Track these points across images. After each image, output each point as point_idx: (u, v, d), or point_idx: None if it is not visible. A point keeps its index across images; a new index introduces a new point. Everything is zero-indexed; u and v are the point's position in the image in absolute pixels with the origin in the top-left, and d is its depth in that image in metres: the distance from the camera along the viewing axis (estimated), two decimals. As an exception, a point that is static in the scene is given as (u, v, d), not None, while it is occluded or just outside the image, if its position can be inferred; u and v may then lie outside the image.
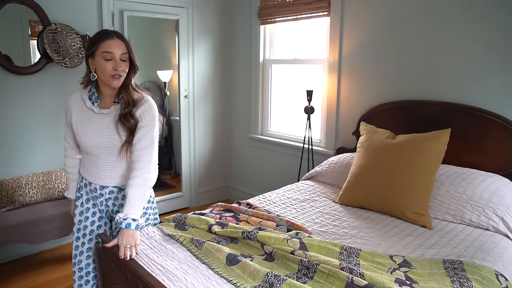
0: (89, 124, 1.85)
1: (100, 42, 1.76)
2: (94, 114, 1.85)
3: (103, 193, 1.95)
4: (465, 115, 2.63)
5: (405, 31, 2.90)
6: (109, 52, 1.75)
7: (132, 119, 1.81)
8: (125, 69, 1.80)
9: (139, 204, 1.80)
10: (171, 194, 4.26)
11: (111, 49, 1.75)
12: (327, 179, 2.99)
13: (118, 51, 1.77)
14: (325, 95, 3.50)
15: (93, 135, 1.84)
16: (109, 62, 1.76)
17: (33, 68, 3.13)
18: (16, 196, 3.06)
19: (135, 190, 1.77)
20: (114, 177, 1.91)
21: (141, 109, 1.84)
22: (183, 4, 3.95)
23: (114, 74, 1.77)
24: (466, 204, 2.31)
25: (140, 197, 1.80)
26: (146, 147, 1.83)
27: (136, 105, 1.83)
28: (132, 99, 1.82)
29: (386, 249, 2.00)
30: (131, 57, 1.81)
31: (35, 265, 3.17)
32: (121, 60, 1.78)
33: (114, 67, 1.76)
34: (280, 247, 1.86)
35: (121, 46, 1.77)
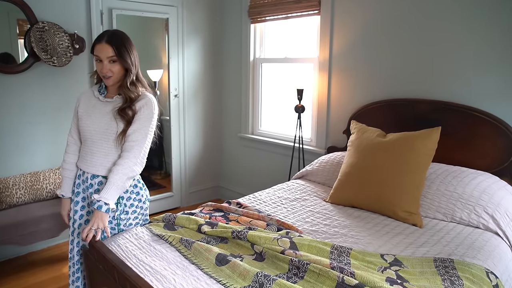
0: (93, 111, 1.98)
1: (93, 46, 1.92)
2: (100, 102, 1.99)
3: (93, 183, 1.98)
4: (455, 114, 2.63)
5: (396, 29, 2.90)
6: (97, 56, 1.90)
7: (131, 111, 1.91)
8: (113, 70, 1.90)
9: (115, 191, 1.86)
10: (162, 194, 4.22)
11: (98, 53, 1.89)
12: (318, 178, 2.98)
13: (105, 55, 1.88)
14: (315, 94, 3.49)
15: (94, 120, 1.96)
16: (99, 64, 1.91)
17: (20, 67, 3.08)
18: (3, 197, 3.01)
19: (115, 177, 1.85)
20: (106, 165, 1.96)
21: (141, 102, 1.93)
22: (172, 3, 3.91)
23: (102, 75, 1.92)
24: (456, 202, 2.31)
25: (119, 184, 1.86)
26: (138, 140, 1.91)
27: (132, 102, 1.92)
28: (129, 97, 1.92)
29: (377, 248, 1.99)
30: (120, 60, 1.90)
31: (24, 266, 3.12)
32: (111, 62, 1.89)
33: (101, 70, 1.90)
34: (270, 246, 1.84)
35: (107, 51, 1.87)
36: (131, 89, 1.93)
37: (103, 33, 1.94)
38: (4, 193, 3.01)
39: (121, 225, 2.05)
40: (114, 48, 1.88)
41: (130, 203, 2.05)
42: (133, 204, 2.06)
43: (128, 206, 2.04)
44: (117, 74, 1.93)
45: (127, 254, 1.87)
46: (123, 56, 1.90)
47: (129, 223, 2.08)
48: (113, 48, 1.88)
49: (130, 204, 2.05)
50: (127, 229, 2.08)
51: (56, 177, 3.25)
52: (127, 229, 2.07)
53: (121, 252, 1.90)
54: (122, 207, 2.02)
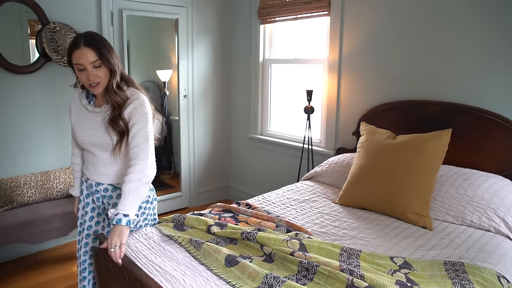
0: (84, 122, 1.88)
1: (71, 54, 1.72)
2: (88, 112, 1.87)
3: (98, 190, 1.96)
4: (466, 116, 2.61)
5: (406, 30, 2.88)
6: (79, 64, 1.71)
7: (121, 121, 1.79)
8: (100, 75, 1.75)
9: (132, 200, 1.75)
10: (170, 194, 4.24)
11: (80, 60, 1.70)
12: (327, 180, 2.97)
13: (88, 60, 1.70)
14: (325, 95, 3.49)
15: (87, 132, 1.87)
16: (83, 73, 1.73)
17: (31, 67, 3.11)
18: (14, 196, 3.04)
19: (129, 185, 1.74)
20: (110, 174, 1.92)
21: (130, 107, 1.81)
22: (182, 3, 3.93)
23: (89, 84, 1.75)
24: (467, 205, 2.29)
25: (134, 193, 1.75)
26: (140, 143, 1.80)
27: (122, 107, 1.80)
28: (116, 103, 1.79)
29: (387, 250, 1.98)
30: (105, 63, 1.74)
31: (34, 265, 3.15)
32: (95, 67, 1.73)
33: (87, 77, 1.73)
34: (279, 248, 1.84)
35: (90, 55, 1.70)
36: (118, 92, 1.79)
37: (77, 37, 1.74)
38: (15, 192, 3.05)
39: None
40: (96, 51, 1.71)
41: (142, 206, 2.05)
42: (141, 206, 2.05)
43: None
44: (105, 79, 1.78)
45: (137, 254, 1.89)
46: (107, 57, 1.74)
47: (138, 225, 2.09)
48: (94, 51, 1.71)
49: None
50: (136, 229, 2.09)
51: (66, 177, 3.28)
52: (136, 230, 2.08)
53: (131, 252, 1.91)
54: None
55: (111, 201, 1.97)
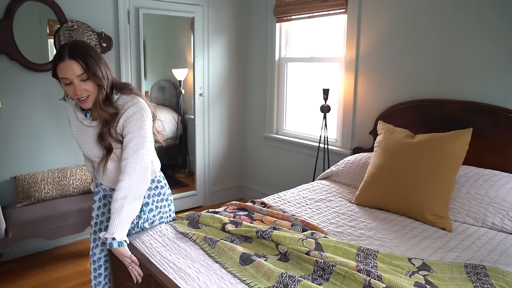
0: (84, 136, 1.82)
1: (55, 67, 1.61)
2: (85, 127, 1.80)
3: (111, 194, 1.95)
4: (487, 115, 2.54)
5: (424, 28, 2.82)
6: (65, 78, 1.60)
7: (110, 137, 1.72)
8: (88, 88, 1.64)
9: (118, 221, 1.68)
10: (185, 192, 4.25)
11: (66, 74, 1.59)
12: (343, 179, 2.93)
13: (74, 74, 1.59)
14: (341, 94, 3.44)
15: (89, 146, 1.82)
16: (70, 87, 1.62)
17: (49, 65, 3.14)
18: (32, 192, 3.08)
19: (114, 205, 1.68)
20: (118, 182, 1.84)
21: (124, 117, 1.71)
22: (198, 2, 3.93)
23: (77, 98, 1.65)
24: (488, 206, 2.23)
25: (120, 213, 1.68)
26: (129, 156, 1.71)
27: (110, 123, 1.71)
28: (103, 119, 1.70)
29: (404, 251, 1.94)
30: (90, 77, 1.62)
31: (50, 260, 3.19)
32: (82, 80, 1.61)
33: (74, 92, 1.62)
34: (295, 247, 1.82)
35: (75, 67, 1.58)
36: (105, 108, 1.68)
37: (61, 48, 1.61)
38: (33, 188, 3.09)
39: (145, 224, 2.06)
40: (81, 63, 1.59)
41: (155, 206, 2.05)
42: (157, 206, 2.06)
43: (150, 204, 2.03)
44: (94, 92, 1.67)
45: (151, 251, 1.88)
46: (94, 71, 1.62)
47: (154, 224, 2.09)
48: (80, 64, 1.59)
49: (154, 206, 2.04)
50: (151, 227, 2.09)
51: (82, 174, 3.31)
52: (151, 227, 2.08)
53: (146, 249, 1.91)
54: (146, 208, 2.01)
55: None
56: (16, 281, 2.89)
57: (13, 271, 3.02)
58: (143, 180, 1.76)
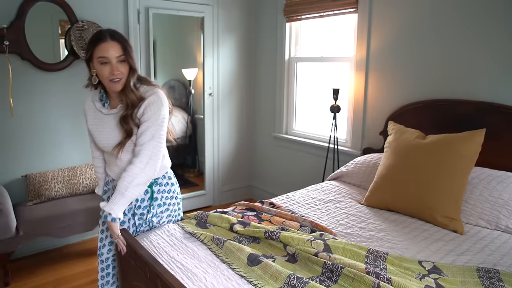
0: (102, 125, 1.85)
1: (95, 46, 1.69)
2: (104, 115, 1.84)
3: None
4: (501, 115, 2.49)
5: (436, 27, 2.78)
6: (103, 57, 1.68)
7: (132, 121, 1.77)
8: (123, 71, 1.73)
9: (121, 199, 1.75)
10: (194, 192, 4.25)
11: (106, 53, 1.68)
12: (353, 180, 2.89)
13: (114, 54, 1.69)
14: (351, 94, 3.41)
15: (107, 135, 1.84)
16: (106, 67, 1.70)
17: (60, 65, 3.17)
18: (42, 190, 3.11)
19: (119, 185, 1.75)
20: None
21: (144, 104, 1.78)
22: (208, 2, 3.93)
23: (111, 79, 1.72)
24: (501, 209, 2.18)
25: (123, 194, 1.75)
26: (144, 143, 1.77)
27: (135, 107, 1.77)
28: (130, 102, 1.76)
29: (415, 253, 1.90)
30: (128, 59, 1.73)
31: (59, 258, 3.21)
32: (120, 61, 1.71)
33: (111, 72, 1.70)
34: (303, 248, 1.80)
35: (116, 48, 1.69)
36: (135, 91, 1.77)
37: (102, 31, 1.72)
38: (43, 187, 3.11)
39: (154, 222, 2.06)
40: (121, 46, 1.70)
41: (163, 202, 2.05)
42: (166, 202, 2.06)
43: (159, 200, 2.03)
44: (125, 76, 1.76)
45: (159, 251, 1.88)
46: (130, 54, 1.73)
47: (162, 221, 2.09)
48: (120, 46, 1.70)
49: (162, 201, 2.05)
50: (159, 226, 2.09)
51: (92, 173, 3.33)
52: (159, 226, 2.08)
53: (153, 248, 1.91)
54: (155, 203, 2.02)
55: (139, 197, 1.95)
56: (26, 278, 2.92)
57: (23, 269, 3.04)
58: (152, 168, 1.80)
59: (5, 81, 2.96)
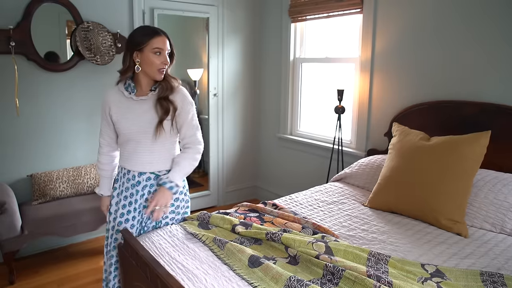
0: (129, 112, 1.96)
1: (151, 39, 1.89)
2: (134, 101, 1.97)
3: (140, 180, 2.01)
4: (508, 117, 2.46)
5: (442, 28, 2.75)
6: (160, 48, 1.90)
7: (170, 102, 1.94)
8: (169, 62, 1.95)
9: (183, 174, 2.01)
10: (199, 192, 4.25)
11: (161, 46, 1.91)
12: (357, 181, 2.88)
13: (166, 47, 1.93)
14: (356, 95, 3.39)
15: (133, 121, 1.95)
16: (159, 57, 1.91)
17: (65, 66, 3.19)
18: (47, 190, 3.13)
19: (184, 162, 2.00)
20: (153, 162, 2.00)
21: (180, 96, 1.98)
22: (213, 2, 3.93)
23: (160, 68, 1.92)
24: (507, 212, 2.16)
25: (187, 169, 2.01)
26: (195, 132, 2.02)
27: (172, 91, 1.96)
28: (170, 86, 1.96)
29: (418, 257, 1.89)
30: (173, 51, 1.98)
31: (64, 257, 3.23)
32: (168, 54, 1.95)
33: (163, 62, 1.92)
34: (304, 250, 1.79)
35: (167, 43, 1.94)
36: (172, 78, 2.01)
37: (154, 28, 1.96)
38: (48, 186, 3.13)
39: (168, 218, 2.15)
40: (169, 41, 1.96)
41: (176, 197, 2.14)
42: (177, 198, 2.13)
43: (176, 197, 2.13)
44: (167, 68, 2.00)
45: (160, 251, 1.88)
46: (173, 50, 1.99)
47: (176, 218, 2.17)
48: (170, 42, 1.97)
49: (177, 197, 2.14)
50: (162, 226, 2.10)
51: (96, 173, 3.34)
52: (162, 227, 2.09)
53: (155, 249, 1.91)
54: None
55: (152, 189, 2.03)
56: (31, 277, 2.94)
57: (28, 267, 3.07)
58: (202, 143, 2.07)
59: (11, 82, 2.99)
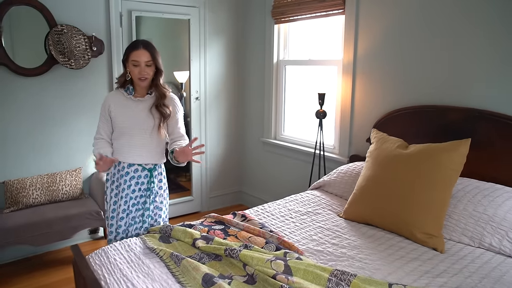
0: (128, 109, 2.25)
1: (130, 52, 2.18)
2: (132, 101, 2.26)
3: (129, 171, 2.28)
4: (491, 123, 2.33)
5: (426, 29, 2.62)
6: (136, 61, 2.17)
7: (166, 108, 2.24)
8: (149, 72, 2.19)
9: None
10: (181, 198, 4.15)
11: (137, 58, 2.16)
12: (335, 190, 2.76)
13: (143, 59, 2.16)
14: (339, 99, 3.27)
15: (130, 117, 2.24)
16: (137, 68, 2.17)
17: (38, 70, 3.10)
18: (20, 197, 3.05)
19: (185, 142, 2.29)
20: (142, 155, 2.27)
21: (172, 102, 2.29)
22: (194, 4, 3.82)
23: (139, 77, 2.18)
24: (486, 225, 2.03)
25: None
26: (184, 133, 2.33)
27: (165, 98, 2.26)
28: (163, 94, 2.25)
29: (386, 275, 1.77)
30: (155, 63, 2.20)
31: (39, 266, 3.14)
32: (147, 65, 2.17)
33: (140, 72, 2.17)
34: (262, 269, 1.69)
35: (145, 55, 2.16)
36: (164, 86, 2.27)
37: (137, 42, 2.23)
38: (21, 194, 3.05)
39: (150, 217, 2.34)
40: (150, 54, 2.17)
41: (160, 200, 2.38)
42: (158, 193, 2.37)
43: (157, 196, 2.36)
44: (151, 76, 2.22)
45: (113, 268, 1.80)
46: (157, 59, 2.20)
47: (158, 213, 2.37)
48: (149, 53, 2.17)
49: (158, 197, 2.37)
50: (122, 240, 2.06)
51: (72, 179, 3.26)
52: (120, 241, 2.03)
53: (108, 264, 1.83)
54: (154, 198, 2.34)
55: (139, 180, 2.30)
56: (3, 287, 2.85)
57: (0, 277, 2.99)
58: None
59: (-19, 87, 2.91)
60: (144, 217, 2.32)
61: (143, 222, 2.32)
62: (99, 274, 1.76)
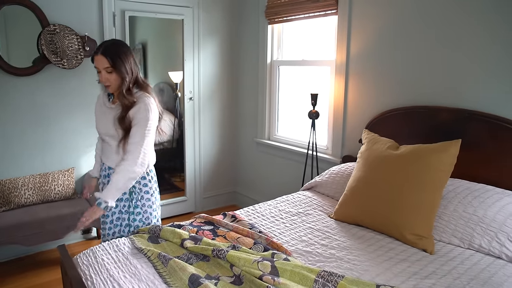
0: (102, 115, 2.17)
1: (92, 57, 2.06)
2: (106, 107, 2.17)
3: (109, 173, 2.23)
4: (482, 124, 2.32)
5: (418, 30, 2.62)
6: (96, 67, 2.05)
7: (127, 120, 2.05)
8: (110, 79, 2.04)
9: (116, 191, 2.02)
10: (175, 198, 4.14)
11: (96, 64, 2.04)
12: (327, 191, 2.75)
13: (101, 66, 2.02)
14: (332, 99, 3.26)
15: (103, 124, 2.16)
16: (99, 74, 2.06)
17: (31, 70, 3.09)
18: (11, 197, 3.04)
19: (116, 176, 2.01)
20: (116, 160, 2.15)
21: (135, 109, 2.05)
22: (188, 4, 3.82)
23: (104, 83, 2.07)
24: (476, 226, 2.02)
25: (118, 186, 2.01)
26: (135, 143, 2.04)
27: (129, 109, 2.05)
28: (124, 104, 2.06)
29: (374, 276, 1.76)
30: (115, 71, 2.02)
31: (32, 266, 3.14)
32: (107, 72, 2.02)
33: (100, 79, 2.06)
34: (248, 270, 1.68)
35: (102, 61, 2.01)
36: (126, 97, 2.04)
37: (100, 44, 2.06)
38: (13, 193, 3.04)
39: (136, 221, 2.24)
40: (109, 60, 2.00)
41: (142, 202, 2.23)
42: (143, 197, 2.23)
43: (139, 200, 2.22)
44: (115, 82, 2.06)
45: (100, 268, 1.79)
46: (118, 67, 2.02)
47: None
48: (107, 60, 2.00)
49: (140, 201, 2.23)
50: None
51: (65, 179, 3.25)
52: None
53: (95, 264, 1.83)
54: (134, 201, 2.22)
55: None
56: (-6, 287, 2.86)
57: (-8, 277, 2.99)
58: (142, 164, 2.07)
59: (-27, 86, 2.90)
60: (129, 221, 2.23)
61: (129, 226, 2.24)
62: (86, 274, 1.76)
